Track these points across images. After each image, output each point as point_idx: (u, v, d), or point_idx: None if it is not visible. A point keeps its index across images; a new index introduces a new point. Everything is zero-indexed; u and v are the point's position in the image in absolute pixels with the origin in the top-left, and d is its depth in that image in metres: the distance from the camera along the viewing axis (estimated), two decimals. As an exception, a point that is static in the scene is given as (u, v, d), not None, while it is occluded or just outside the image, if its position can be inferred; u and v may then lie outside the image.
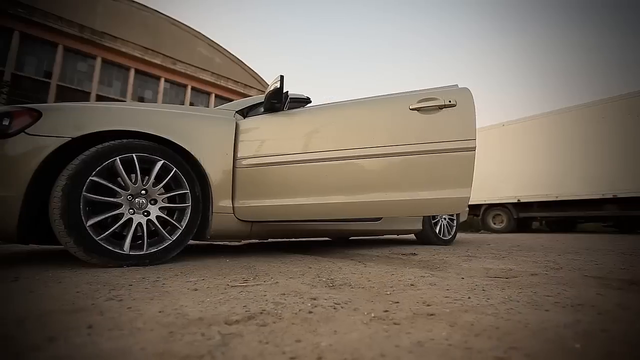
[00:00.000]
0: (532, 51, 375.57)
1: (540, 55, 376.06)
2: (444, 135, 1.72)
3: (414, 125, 1.78)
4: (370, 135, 1.83)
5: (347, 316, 0.82)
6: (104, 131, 1.63)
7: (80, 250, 1.48)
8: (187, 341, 0.62)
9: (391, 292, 1.09)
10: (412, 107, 1.79)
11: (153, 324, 0.72)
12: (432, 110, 1.77)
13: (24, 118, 1.51)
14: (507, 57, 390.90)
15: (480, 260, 1.91)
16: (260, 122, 2.05)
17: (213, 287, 1.14)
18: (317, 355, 0.58)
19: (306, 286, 1.18)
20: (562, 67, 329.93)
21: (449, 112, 1.74)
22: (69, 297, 0.95)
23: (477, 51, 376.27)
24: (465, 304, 0.93)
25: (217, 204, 1.89)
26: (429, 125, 1.75)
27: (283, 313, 0.83)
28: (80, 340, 0.61)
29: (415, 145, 1.74)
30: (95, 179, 1.53)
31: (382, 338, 0.67)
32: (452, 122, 1.73)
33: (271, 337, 0.67)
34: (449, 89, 1.81)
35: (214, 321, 0.75)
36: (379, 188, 1.77)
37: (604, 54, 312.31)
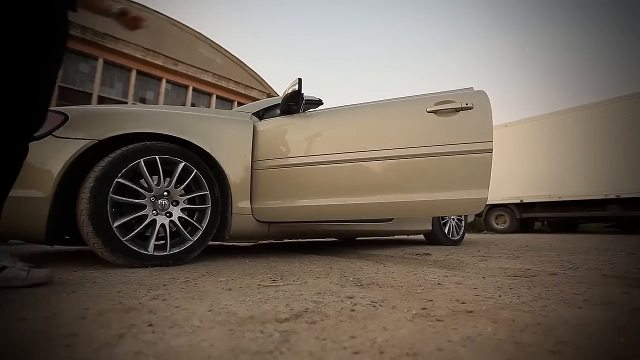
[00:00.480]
0: (534, 51, 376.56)
1: (542, 55, 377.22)
2: (461, 137, 1.76)
3: (431, 127, 1.81)
4: (388, 137, 1.86)
5: (389, 313, 0.85)
6: (126, 134, 1.65)
7: (107, 251, 1.50)
8: (250, 338, 0.64)
9: (421, 291, 1.12)
10: (429, 110, 1.82)
11: (209, 322, 0.74)
12: (449, 112, 1.80)
13: (52, 121, 1.53)
14: (508, 57, 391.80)
15: (496, 260, 1.94)
16: (278, 124, 2.08)
17: (246, 287, 1.17)
18: (378, 350, 0.61)
19: (336, 285, 1.21)
20: (564, 68, 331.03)
21: (466, 115, 1.78)
22: (112, 297, 0.97)
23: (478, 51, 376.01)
24: (498, 302, 0.96)
25: (237, 205, 1.91)
26: (446, 128, 1.79)
27: (327, 311, 0.86)
28: (148, 337, 0.64)
29: (432, 147, 1.78)
30: (121, 181, 1.56)
31: (432, 333, 0.70)
32: (469, 124, 1.76)
33: (325, 333, 0.69)
34: (465, 92, 1.84)
35: (265, 319, 0.78)
36: (397, 189, 1.80)
37: (606, 53, 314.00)
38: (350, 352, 0.60)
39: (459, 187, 1.73)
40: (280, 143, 2.02)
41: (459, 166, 1.74)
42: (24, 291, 1.03)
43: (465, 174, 1.73)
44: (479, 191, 1.71)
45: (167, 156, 1.70)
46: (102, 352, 0.56)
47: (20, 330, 0.67)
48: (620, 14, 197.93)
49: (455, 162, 1.74)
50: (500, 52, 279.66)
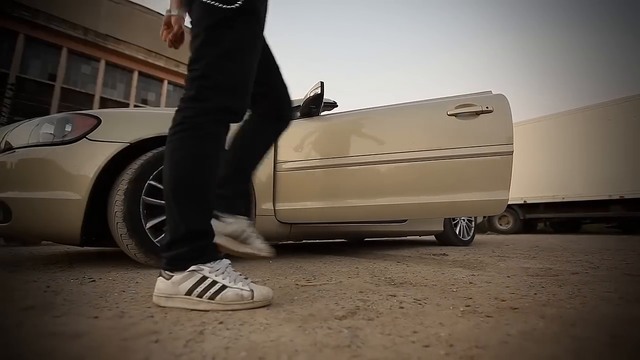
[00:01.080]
0: (537, 52, 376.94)
1: (544, 56, 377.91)
2: (482, 139, 1.80)
3: (452, 130, 1.85)
4: (409, 139, 1.90)
5: (437, 310, 0.89)
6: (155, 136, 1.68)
7: (140, 252, 1.53)
8: (323, 334, 0.68)
9: (456, 290, 1.16)
10: (450, 113, 1.86)
11: (273, 319, 0.78)
12: (470, 116, 1.84)
13: (85, 124, 1.56)
14: (510, 58, 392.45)
15: (514, 260, 1.98)
16: (299, 126, 2.11)
17: (285, 287, 1.20)
18: (447, 343, 0.64)
19: (372, 285, 1.24)
20: (566, 69, 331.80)
21: (486, 118, 1.82)
22: (165, 296, 1.00)
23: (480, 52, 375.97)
24: (536, 300, 1.00)
25: (260, 207, 1.95)
26: (467, 131, 1.83)
27: (378, 309, 0.89)
28: (226, 333, 0.67)
29: (454, 149, 1.82)
30: (152, 183, 1.59)
31: (489, 329, 0.74)
32: (489, 127, 1.81)
33: (387, 329, 0.73)
34: (485, 96, 1.88)
35: (324, 317, 0.81)
36: (419, 191, 1.84)
37: (608, 54, 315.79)
38: (420, 345, 0.64)
39: (480, 188, 1.77)
40: (302, 145, 2.06)
41: (480, 168, 1.78)
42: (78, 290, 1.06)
43: (487, 176, 1.78)
44: (500, 192, 1.75)
45: (194, 158, 1.73)
46: (193, 346, 0.59)
47: (98, 328, 0.70)
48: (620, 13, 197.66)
49: (476, 164, 1.79)
50: (501, 53, 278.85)
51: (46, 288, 1.11)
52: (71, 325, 0.71)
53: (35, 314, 0.80)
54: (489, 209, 1.79)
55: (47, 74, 10.14)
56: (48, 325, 0.70)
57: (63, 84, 10.33)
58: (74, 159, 1.50)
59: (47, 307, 0.87)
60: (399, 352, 0.60)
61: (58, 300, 0.94)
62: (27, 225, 1.50)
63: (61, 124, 1.56)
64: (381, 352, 0.60)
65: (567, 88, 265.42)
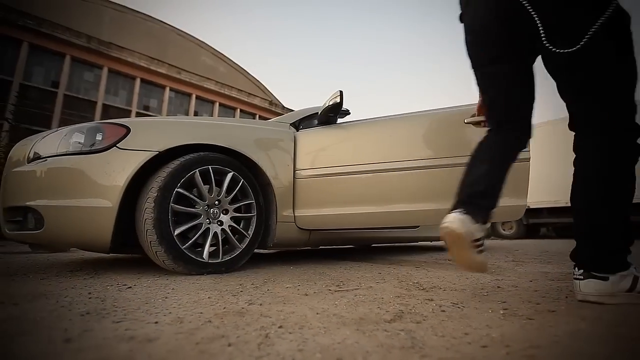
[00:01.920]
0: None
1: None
2: (499, 147, 1.84)
3: (469, 138, 1.89)
4: (428, 147, 1.94)
5: (478, 313, 0.92)
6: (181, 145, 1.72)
7: (169, 258, 1.55)
8: (384, 336, 0.71)
9: (487, 293, 1.19)
10: (467, 121, 1.90)
11: (329, 323, 0.81)
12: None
13: (115, 133, 1.60)
14: None
15: (530, 265, 2.02)
16: (318, 134, 2.15)
17: (318, 292, 1.23)
18: (502, 343, 0.68)
19: (403, 290, 1.27)
20: None
21: (503, 126, 1.86)
22: (212, 302, 1.03)
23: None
24: (569, 302, 1.03)
25: (281, 214, 1.98)
26: (484, 138, 1.87)
27: (421, 312, 0.93)
28: (291, 337, 0.70)
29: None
30: (180, 191, 1.62)
31: (535, 329, 0.77)
32: (507, 134, 1.85)
33: (439, 331, 0.76)
34: None
35: (375, 320, 0.84)
36: (439, 197, 1.87)
37: None
38: (477, 346, 0.67)
39: None
40: (321, 153, 2.10)
41: None
42: (120, 296, 1.09)
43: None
44: (519, 199, 1.79)
45: (218, 166, 1.77)
46: (267, 349, 0.62)
47: (165, 333, 0.73)
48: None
49: None
50: None
51: (88, 294, 1.13)
52: (138, 330, 0.73)
53: (95, 319, 0.82)
54: (508, 215, 1.83)
55: (50, 82, 10.19)
56: (117, 330, 0.73)
57: (66, 91, 10.37)
58: (105, 167, 1.53)
59: (101, 312, 0.89)
60: (461, 352, 0.64)
61: (107, 306, 0.96)
62: (59, 233, 1.53)
63: (92, 133, 1.60)
64: (445, 352, 0.63)
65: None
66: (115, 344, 0.64)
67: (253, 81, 15.33)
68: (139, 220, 1.57)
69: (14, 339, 0.67)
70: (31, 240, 1.63)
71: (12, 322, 0.79)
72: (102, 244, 1.54)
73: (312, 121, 2.35)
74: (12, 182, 1.66)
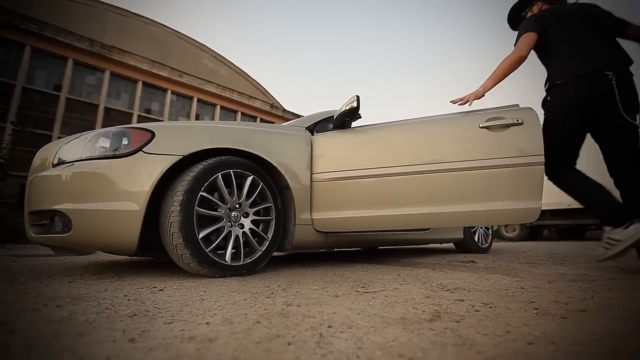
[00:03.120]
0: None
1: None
2: (514, 151, 1.88)
3: (484, 142, 1.93)
4: (443, 150, 1.97)
5: (511, 313, 0.95)
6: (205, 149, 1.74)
7: (194, 261, 1.57)
8: (433, 334, 0.74)
9: (513, 294, 1.22)
10: (482, 126, 1.94)
11: (374, 322, 0.84)
12: (500, 128, 1.92)
13: (141, 137, 1.62)
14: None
15: (544, 267, 2.05)
16: (334, 138, 2.18)
17: (347, 294, 1.26)
18: (547, 340, 0.71)
19: (429, 291, 1.30)
20: None
21: (517, 130, 1.90)
22: (247, 303, 1.06)
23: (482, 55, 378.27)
24: (596, 303, 1.06)
25: (299, 217, 2.01)
26: (499, 142, 1.91)
27: (457, 312, 0.96)
28: (344, 336, 0.73)
29: (486, 160, 1.89)
30: (203, 194, 1.65)
31: (572, 327, 0.80)
32: (520, 138, 1.89)
33: (482, 329, 0.79)
34: (514, 109, 1.97)
35: (415, 320, 0.87)
36: (454, 200, 1.91)
37: None
38: (523, 343, 0.70)
39: (514, 197, 1.85)
40: (338, 156, 2.13)
41: (512, 178, 1.86)
42: (157, 299, 1.11)
43: (519, 185, 1.85)
44: (533, 202, 1.83)
45: (239, 170, 1.79)
46: (327, 347, 0.65)
47: (222, 333, 0.75)
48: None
49: (509, 174, 1.86)
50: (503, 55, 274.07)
51: (124, 296, 1.16)
52: (193, 330, 0.76)
53: (146, 320, 0.85)
54: (523, 217, 1.87)
55: (53, 85, 10.20)
56: (173, 331, 0.76)
57: (68, 94, 10.39)
58: (132, 171, 1.55)
59: (147, 314, 0.92)
60: (510, 348, 0.67)
61: (150, 308, 0.99)
62: (86, 236, 1.55)
63: (117, 137, 1.62)
64: (495, 349, 0.66)
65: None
66: (179, 344, 0.67)
67: (254, 84, 15.39)
68: (163, 223, 1.60)
69: (77, 339, 0.70)
70: (58, 243, 1.64)
71: (66, 323, 0.81)
72: (129, 247, 1.57)
73: (326, 125, 2.39)
74: (38, 186, 1.68)
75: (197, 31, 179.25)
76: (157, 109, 12.55)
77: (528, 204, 1.84)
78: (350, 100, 2.09)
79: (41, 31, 9.51)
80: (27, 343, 0.67)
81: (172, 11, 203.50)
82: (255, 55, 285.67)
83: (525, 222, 1.96)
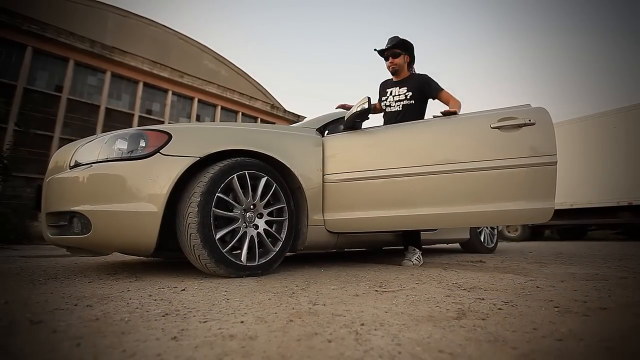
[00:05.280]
0: (541, 57, 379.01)
1: (550, 62, 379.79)
2: (526, 151, 1.89)
3: (496, 142, 1.94)
4: (455, 151, 1.99)
5: (533, 311, 0.97)
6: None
7: (211, 262, 1.59)
8: (465, 331, 0.76)
9: (530, 293, 1.25)
10: (493, 126, 1.96)
11: (404, 320, 0.86)
12: (512, 128, 1.94)
13: (158, 139, 1.64)
14: (514, 63, 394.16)
15: (554, 267, 2.08)
16: (345, 139, 2.21)
17: (366, 293, 1.28)
18: (576, 337, 0.73)
19: (447, 290, 1.32)
20: (577, 77, 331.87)
21: (529, 130, 1.92)
22: (273, 302, 1.08)
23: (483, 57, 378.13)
24: (614, 300, 1.09)
25: (312, 217, 2.03)
26: (511, 142, 1.92)
27: (480, 310, 0.98)
28: (379, 333, 0.75)
29: (498, 160, 1.90)
30: (220, 195, 1.67)
31: (598, 325, 0.82)
32: (532, 138, 1.91)
33: (508, 327, 0.81)
34: (526, 109, 2.00)
35: (443, 318, 0.89)
36: (467, 200, 1.93)
37: (616, 62, 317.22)
38: (553, 339, 0.72)
39: (526, 197, 1.87)
40: (349, 157, 2.15)
41: (525, 178, 1.87)
42: (183, 299, 1.13)
43: (531, 186, 1.87)
44: (546, 202, 1.85)
45: (254, 171, 1.81)
46: (366, 344, 0.67)
47: (260, 332, 0.77)
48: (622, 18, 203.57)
49: (521, 174, 1.88)
50: (504, 56, 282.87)
51: (149, 296, 1.18)
52: (230, 329, 0.78)
53: (180, 320, 0.86)
54: (536, 217, 1.88)
55: (54, 86, 10.19)
56: (211, 329, 0.78)
57: (69, 95, 10.37)
58: (150, 173, 1.57)
59: (177, 313, 0.94)
60: (542, 344, 0.69)
61: (179, 308, 1.00)
62: (105, 237, 1.56)
63: (135, 139, 1.64)
64: (527, 345, 0.68)
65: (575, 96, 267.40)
66: (221, 342, 0.69)
67: (254, 85, 15.40)
68: (181, 224, 1.62)
69: (121, 337, 0.72)
70: (76, 244, 1.66)
71: (104, 322, 0.83)
72: (147, 248, 1.58)
73: (336, 126, 2.41)
74: (56, 187, 1.70)
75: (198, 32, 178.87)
76: (158, 110, 12.54)
77: (541, 204, 1.85)
78: (361, 101, 2.11)
79: (42, 32, 9.50)
80: (74, 341, 0.69)
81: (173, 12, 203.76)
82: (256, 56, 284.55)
83: (538, 222, 1.96)
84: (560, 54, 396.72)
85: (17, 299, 1.13)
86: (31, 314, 0.92)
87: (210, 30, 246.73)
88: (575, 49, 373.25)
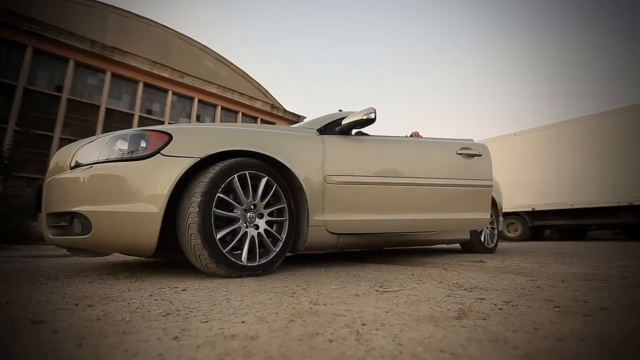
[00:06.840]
0: (541, 57, 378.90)
1: (550, 62, 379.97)
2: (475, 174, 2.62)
3: (460, 165, 2.59)
4: (433, 168, 2.51)
5: (534, 311, 0.97)
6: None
7: (212, 262, 1.59)
8: (466, 331, 0.76)
9: (531, 293, 1.25)
10: (457, 152, 2.67)
11: (404, 320, 0.86)
12: (468, 157, 2.65)
13: (159, 140, 1.64)
14: (515, 63, 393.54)
15: (554, 266, 2.08)
16: (344, 143, 2.22)
17: (367, 294, 1.28)
18: (578, 337, 0.73)
19: (447, 290, 1.33)
20: (576, 76, 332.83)
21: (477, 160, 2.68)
22: (274, 302, 1.08)
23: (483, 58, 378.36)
24: (614, 301, 1.09)
25: (313, 218, 2.03)
26: (468, 167, 2.62)
27: (481, 310, 0.98)
28: (380, 333, 0.75)
29: (460, 179, 2.55)
30: (220, 196, 1.67)
31: (599, 325, 0.82)
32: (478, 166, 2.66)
33: (510, 326, 0.81)
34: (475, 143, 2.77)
35: (443, 318, 0.89)
36: (439, 209, 2.45)
37: (616, 62, 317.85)
38: (554, 339, 0.72)
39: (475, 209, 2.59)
40: (348, 161, 2.17)
41: (474, 195, 2.58)
42: (183, 299, 1.13)
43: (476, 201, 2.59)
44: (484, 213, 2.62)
45: (254, 171, 1.82)
46: (368, 344, 0.67)
47: (261, 331, 0.78)
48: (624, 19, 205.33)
49: (472, 192, 2.59)
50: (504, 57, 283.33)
51: (150, 296, 1.18)
52: (231, 329, 0.78)
53: (181, 320, 0.87)
54: (477, 224, 2.62)
55: (54, 86, 10.20)
56: (212, 329, 0.78)
57: (69, 95, 10.39)
58: (151, 173, 1.57)
59: (178, 313, 0.94)
60: (543, 344, 0.69)
61: (180, 308, 1.00)
62: (106, 238, 1.56)
63: (135, 140, 1.64)
64: (530, 344, 0.68)
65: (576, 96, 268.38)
66: (222, 341, 0.69)
67: (254, 85, 15.41)
68: (181, 225, 1.62)
69: (123, 337, 0.72)
70: (76, 244, 1.66)
71: (104, 322, 0.83)
72: (148, 248, 1.58)
73: (335, 128, 2.41)
74: (56, 188, 1.70)
75: (198, 32, 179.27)
76: (158, 110, 12.56)
77: (482, 215, 2.63)
78: (367, 111, 2.13)
79: (43, 32, 9.52)
80: (76, 341, 0.69)
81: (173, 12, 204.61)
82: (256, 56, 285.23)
83: (478, 228, 2.75)
84: (560, 54, 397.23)
85: (18, 299, 1.13)
86: (32, 314, 0.92)
87: (210, 30, 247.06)
88: (576, 49, 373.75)
